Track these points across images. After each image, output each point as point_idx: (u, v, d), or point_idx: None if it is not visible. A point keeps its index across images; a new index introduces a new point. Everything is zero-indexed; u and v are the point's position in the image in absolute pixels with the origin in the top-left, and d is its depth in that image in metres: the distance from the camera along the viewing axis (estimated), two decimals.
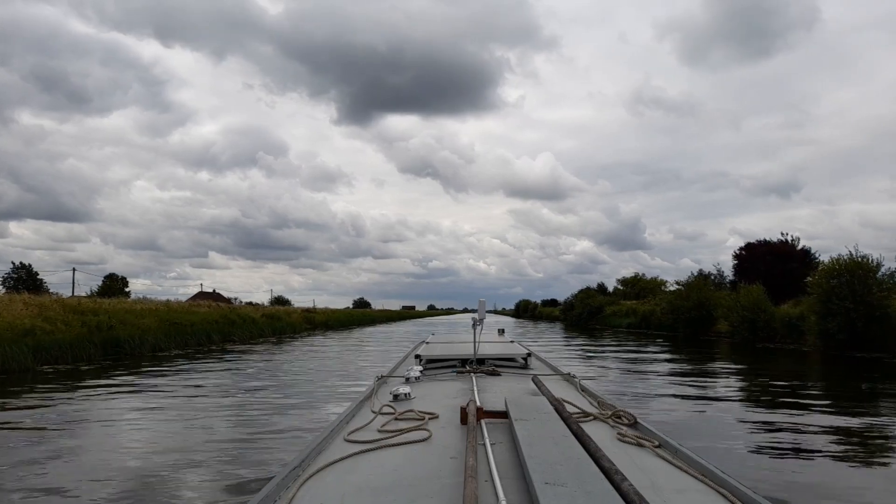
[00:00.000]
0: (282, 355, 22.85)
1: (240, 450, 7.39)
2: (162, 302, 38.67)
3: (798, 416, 9.84)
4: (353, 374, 16.13)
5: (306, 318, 51.75)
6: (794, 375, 16.83)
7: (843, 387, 14.74)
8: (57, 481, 6.05)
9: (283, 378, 15.11)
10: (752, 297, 28.65)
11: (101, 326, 22.73)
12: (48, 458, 6.96)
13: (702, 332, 34.91)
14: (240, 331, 32.42)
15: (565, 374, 5.04)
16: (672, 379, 15.29)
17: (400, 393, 3.75)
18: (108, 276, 65.62)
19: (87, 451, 7.39)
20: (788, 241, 44.59)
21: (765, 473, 6.44)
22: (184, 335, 26.31)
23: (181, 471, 6.48)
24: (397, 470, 2.32)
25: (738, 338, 28.88)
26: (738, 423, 9.45)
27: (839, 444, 8.01)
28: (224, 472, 6.41)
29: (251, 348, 25.78)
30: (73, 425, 8.92)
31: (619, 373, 16.54)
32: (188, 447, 7.51)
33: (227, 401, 11.36)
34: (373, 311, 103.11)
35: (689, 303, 35.51)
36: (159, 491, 5.81)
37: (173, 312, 31.09)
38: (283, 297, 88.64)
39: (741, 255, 45.08)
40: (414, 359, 5.72)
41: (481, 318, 5.36)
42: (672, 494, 2.04)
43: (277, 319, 43.35)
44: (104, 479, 6.15)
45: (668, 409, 10.72)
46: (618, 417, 3.16)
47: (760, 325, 27.78)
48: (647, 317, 47.46)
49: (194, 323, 29.32)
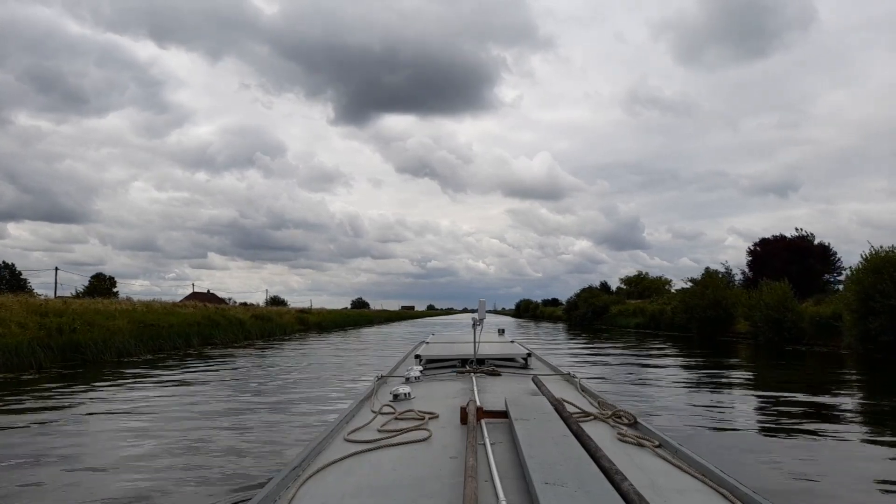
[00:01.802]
0: (260, 360, 20.56)
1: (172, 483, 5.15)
2: (144, 302, 36.43)
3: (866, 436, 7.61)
4: (331, 394, 13.87)
5: (300, 319, 49.47)
6: (843, 383, 14.61)
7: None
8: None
9: (242, 397, 12.83)
10: (778, 294, 26.40)
11: (62, 329, 20.50)
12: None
13: (719, 333, 32.66)
14: (223, 333, 30.14)
15: (565, 374, 5.00)
16: (704, 390, 13.04)
17: (400, 393, 3.71)
18: (95, 275, 63.38)
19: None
20: (805, 236, 42.43)
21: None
22: (158, 338, 24.04)
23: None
24: (397, 470, 2.31)
25: (763, 339, 26.61)
26: (788, 449, 7.24)
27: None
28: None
29: (231, 352, 23.49)
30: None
31: (639, 382, 14.29)
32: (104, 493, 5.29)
33: (156, 426, 9.09)
34: (370, 312, 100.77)
35: (705, 301, 33.23)
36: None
37: (152, 313, 28.83)
38: (279, 297, 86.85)
39: (756, 251, 42.87)
40: (414, 359, 5.67)
41: (481, 318, 5.29)
42: (672, 494, 2.02)
43: (268, 320, 41.07)
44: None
45: (709, 426, 8.52)
46: (618, 417, 3.12)
47: (787, 325, 25.51)
48: (656, 316, 45.23)
49: (173, 325, 27.08)
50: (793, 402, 11.26)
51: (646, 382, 14.11)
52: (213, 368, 17.31)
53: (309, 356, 22.51)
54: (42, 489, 5.77)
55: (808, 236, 42.23)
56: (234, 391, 12.56)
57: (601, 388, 6.12)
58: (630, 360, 19.88)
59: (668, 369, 17.31)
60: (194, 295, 75.16)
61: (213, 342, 27.88)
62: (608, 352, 23.87)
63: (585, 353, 23.41)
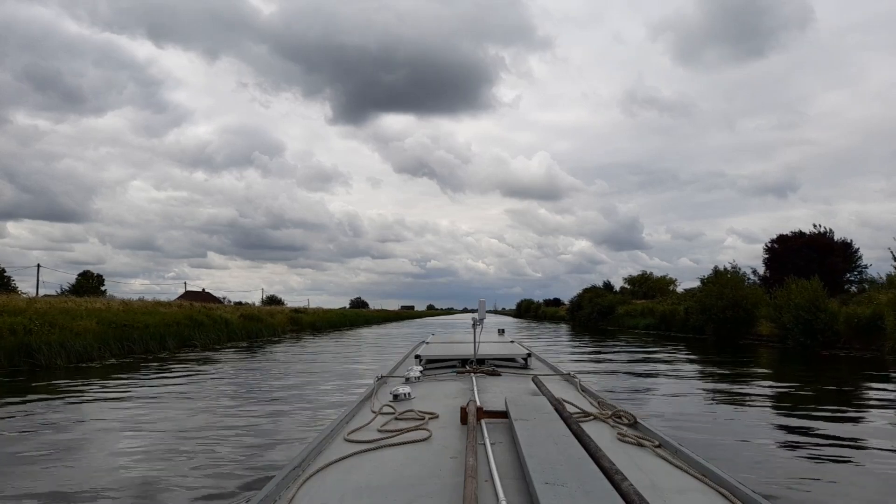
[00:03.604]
0: (234, 367, 18.31)
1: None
2: (124, 301, 34.24)
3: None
4: (310, 420, 11.63)
5: (293, 319, 47.23)
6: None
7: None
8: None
9: (186, 423, 10.59)
10: (809, 293, 24.15)
11: (16, 329, 18.29)
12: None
13: (739, 335, 30.40)
14: (205, 334, 27.89)
15: (565, 374, 4.92)
16: (752, 405, 10.81)
17: (400, 393, 3.68)
18: (83, 273, 61.22)
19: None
20: (824, 232, 40.17)
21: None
22: (127, 340, 21.79)
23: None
24: (397, 470, 2.30)
25: (792, 342, 24.33)
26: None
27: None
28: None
29: (208, 357, 21.20)
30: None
31: (670, 395, 12.06)
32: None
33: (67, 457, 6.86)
34: (368, 312, 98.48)
35: (724, 301, 30.96)
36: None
37: (128, 313, 26.63)
38: (275, 296, 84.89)
39: (773, 248, 40.62)
40: (414, 359, 5.63)
41: (481, 318, 5.30)
42: (672, 494, 2.02)
43: (257, 321, 38.84)
44: None
45: (762, 457, 6.30)
46: (618, 417, 3.11)
47: (820, 328, 23.25)
48: (667, 317, 42.95)
49: (149, 325, 24.84)
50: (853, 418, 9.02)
51: (679, 394, 11.88)
52: (175, 377, 15.03)
53: (290, 365, 20.27)
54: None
55: (828, 233, 40.02)
56: (183, 412, 10.29)
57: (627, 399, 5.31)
58: (656, 370, 17.64)
59: (699, 381, 15.07)
60: (188, 294, 73.06)
61: (192, 344, 25.64)
62: (623, 357, 21.62)
63: (598, 357, 21.18)
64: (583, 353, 23.25)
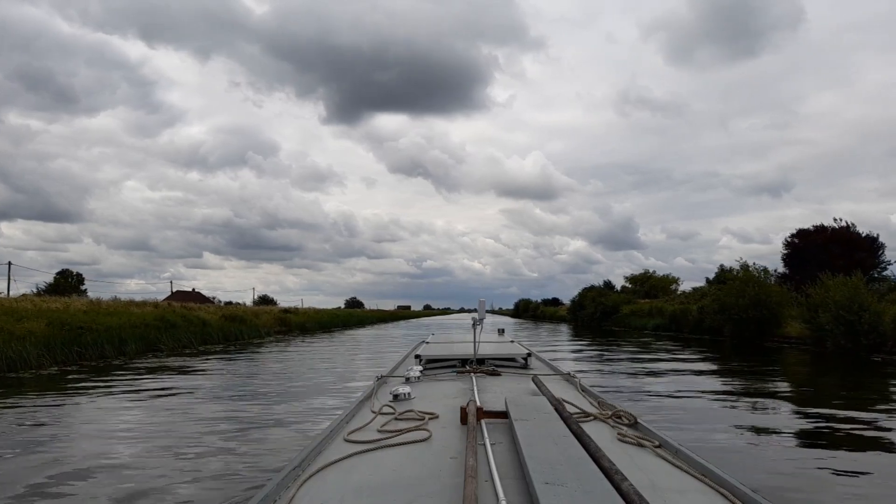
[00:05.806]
0: (191, 380, 15.62)
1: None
2: (87, 300, 31.53)
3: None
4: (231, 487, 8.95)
5: (281, 320, 44.48)
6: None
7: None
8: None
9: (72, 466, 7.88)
10: (849, 290, 21.54)
11: None
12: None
13: (763, 337, 27.79)
14: (176, 337, 25.17)
15: (565, 374, 4.89)
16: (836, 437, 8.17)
17: (400, 393, 3.63)
18: (61, 272, 58.40)
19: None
20: (849, 226, 37.63)
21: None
22: (78, 345, 19.06)
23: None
24: (397, 470, 2.29)
25: (832, 345, 21.71)
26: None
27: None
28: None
29: (168, 364, 18.45)
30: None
31: (736, 428, 9.44)
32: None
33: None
34: (362, 312, 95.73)
35: (745, 300, 28.35)
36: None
37: (89, 314, 23.91)
38: (268, 296, 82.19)
39: (794, 243, 38.07)
40: (414, 359, 5.57)
41: (481, 318, 5.29)
42: (672, 494, 2.00)
43: (240, 322, 36.09)
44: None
45: None
46: (618, 417, 3.08)
47: (864, 329, 20.63)
48: (677, 317, 40.33)
49: (110, 327, 22.11)
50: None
51: (737, 423, 9.25)
52: (115, 389, 12.32)
53: (260, 376, 17.57)
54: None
55: (852, 227, 37.48)
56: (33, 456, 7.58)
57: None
58: (693, 383, 15.02)
59: (754, 400, 12.44)
60: (178, 294, 70.33)
61: (159, 349, 22.90)
62: (644, 364, 18.98)
63: (613, 363, 18.58)
64: (602, 363, 20.60)
